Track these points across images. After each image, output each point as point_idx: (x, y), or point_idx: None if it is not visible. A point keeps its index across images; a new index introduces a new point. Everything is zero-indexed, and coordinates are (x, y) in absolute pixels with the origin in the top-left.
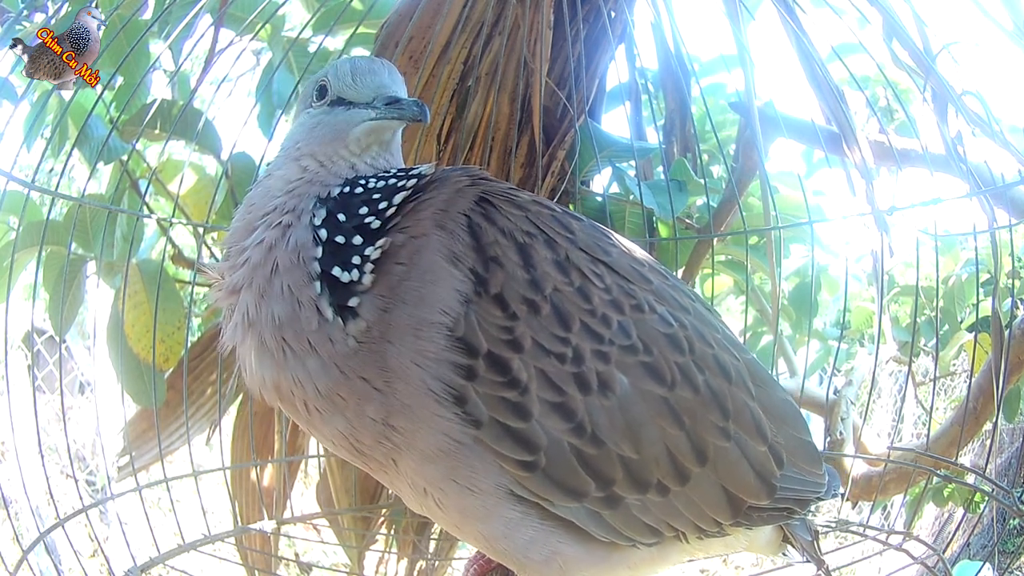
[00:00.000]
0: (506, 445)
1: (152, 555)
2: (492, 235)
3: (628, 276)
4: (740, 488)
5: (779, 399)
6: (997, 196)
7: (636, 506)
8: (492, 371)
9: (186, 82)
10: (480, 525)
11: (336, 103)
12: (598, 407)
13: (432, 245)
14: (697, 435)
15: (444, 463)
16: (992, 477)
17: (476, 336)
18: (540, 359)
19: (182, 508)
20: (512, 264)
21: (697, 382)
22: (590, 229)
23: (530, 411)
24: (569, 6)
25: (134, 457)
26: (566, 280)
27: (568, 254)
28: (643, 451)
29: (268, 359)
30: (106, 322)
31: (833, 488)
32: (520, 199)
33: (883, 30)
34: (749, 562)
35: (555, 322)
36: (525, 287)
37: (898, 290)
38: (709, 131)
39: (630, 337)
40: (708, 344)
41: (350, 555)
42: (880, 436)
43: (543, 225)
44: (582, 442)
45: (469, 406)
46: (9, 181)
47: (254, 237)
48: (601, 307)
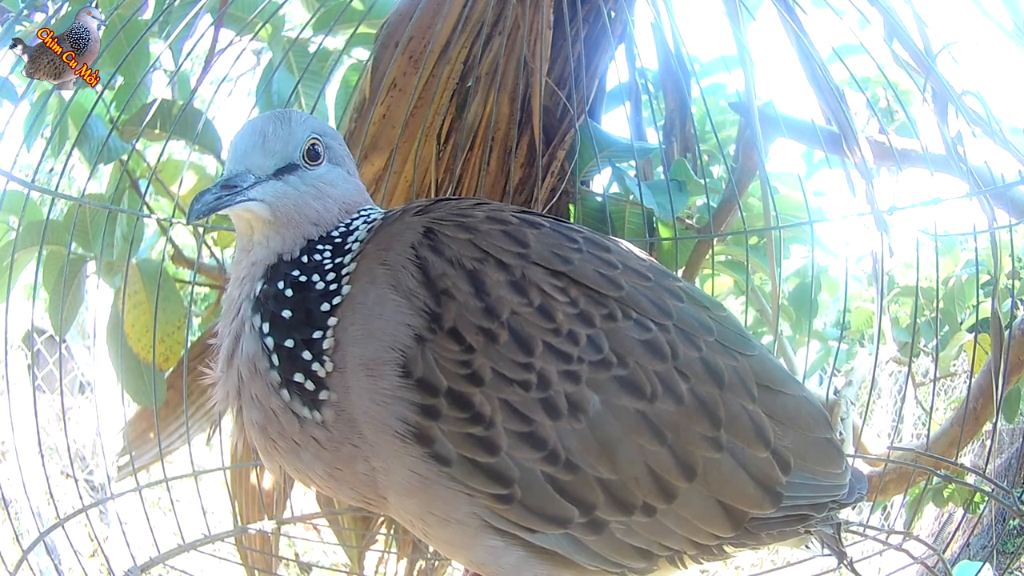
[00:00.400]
0: (478, 480)
1: (152, 555)
2: (440, 267)
3: (593, 284)
4: (738, 500)
5: (789, 398)
6: (997, 196)
7: (621, 530)
8: (454, 408)
9: (186, 82)
10: (466, 552)
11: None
12: (569, 431)
13: (377, 281)
14: (682, 449)
15: (419, 497)
16: (992, 477)
17: (435, 374)
18: (502, 389)
19: (182, 508)
20: (464, 294)
21: (680, 391)
22: (551, 236)
23: (498, 444)
24: (569, 6)
25: (134, 457)
26: (524, 301)
27: (524, 271)
28: (621, 471)
29: (265, 453)
30: (106, 322)
31: (858, 490)
32: (470, 220)
33: (884, 30)
34: (749, 562)
35: (515, 348)
36: (479, 316)
37: (898, 290)
38: (709, 131)
39: (601, 351)
40: (695, 347)
41: (350, 555)
42: (880, 436)
43: (491, 246)
44: (556, 470)
45: (436, 445)
46: (9, 181)
47: (224, 346)
48: (566, 323)
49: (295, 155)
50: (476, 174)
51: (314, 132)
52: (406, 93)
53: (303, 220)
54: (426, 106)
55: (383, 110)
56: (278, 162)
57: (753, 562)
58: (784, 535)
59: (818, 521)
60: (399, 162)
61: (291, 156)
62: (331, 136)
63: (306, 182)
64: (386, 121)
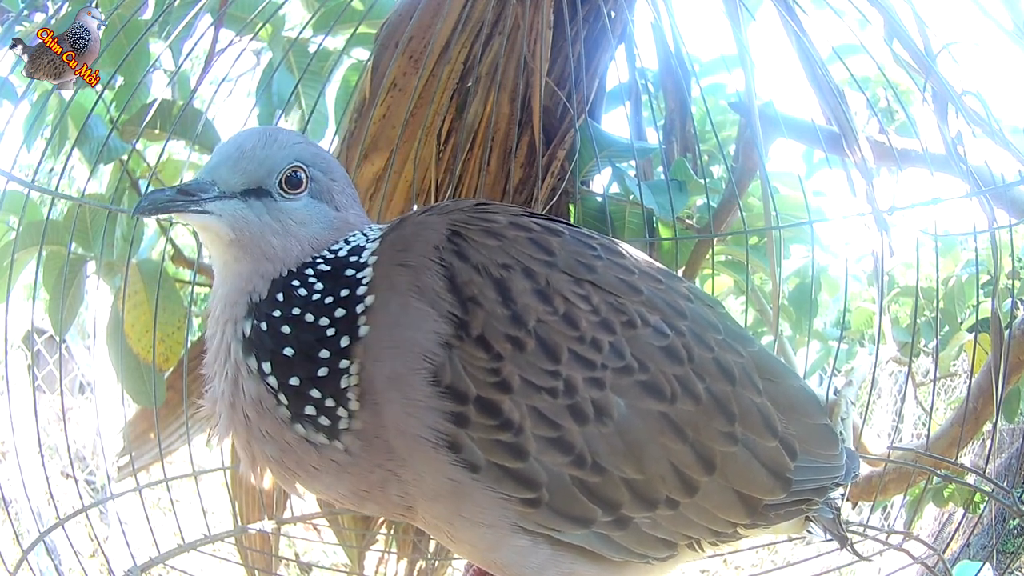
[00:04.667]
0: (507, 485)
1: (152, 555)
2: (467, 274)
3: (616, 291)
4: (753, 488)
5: (789, 388)
6: (997, 196)
7: (646, 523)
8: (483, 415)
9: (186, 82)
10: (492, 554)
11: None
12: (596, 435)
13: (398, 286)
14: (702, 445)
15: (449, 502)
16: (992, 477)
17: (463, 382)
18: (531, 396)
19: (182, 508)
20: (491, 302)
21: (698, 391)
22: (572, 244)
23: (527, 450)
24: (569, 6)
25: (134, 457)
26: (549, 309)
27: (549, 280)
28: (647, 471)
29: (284, 481)
30: (106, 322)
31: (852, 470)
32: (494, 225)
33: (884, 30)
34: (749, 562)
35: (542, 356)
36: (507, 324)
37: (898, 291)
38: (709, 131)
39: (624, 357)
40: (708, 348)
41: (350, 555)
42: (880, 436)
43: (519, 254)
44: (583, 472)
45: (465, 452)
46: (9, 181)
47: (215, 387)
48: (590, 331)
49: (268, 180)
50: (476, 174)
51: (298, 159)
52: (406, 93)
53: (256, 252)
54: (426, 106)
55: (383, 110)
56: (247, 182)
57: (753, 562)
58: (791, 514)
59: (820, 502)
60: (399, 162)
61: (263, 180)
62: (321, 166)
63: (271, 212)
64: (386, 121)
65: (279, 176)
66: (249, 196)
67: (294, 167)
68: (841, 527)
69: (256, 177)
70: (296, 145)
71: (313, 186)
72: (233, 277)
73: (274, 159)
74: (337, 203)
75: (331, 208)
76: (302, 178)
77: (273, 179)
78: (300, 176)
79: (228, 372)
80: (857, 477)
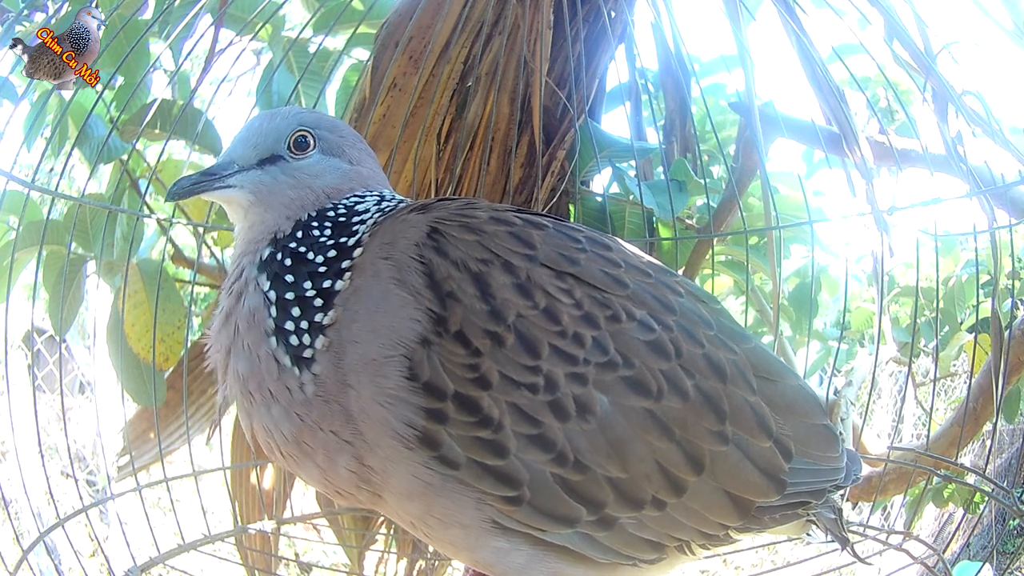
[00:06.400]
0: (487, 483)
1: (152, 555)
2: (445, 269)
3: (600, 284)
4: (745, 489)
5: (786, 387)
6: (997, 196)
7: (632, 524)
8: (462, 412)
9: (186, 82)
10: (471, 554)
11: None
12: (578, 432)
13: (381, 275)
14: (690, 444)
15: (421, 501)
16: (992, 477)
17: (441, 378)
18: (510, 392)
19: (182, 508)
20: (469, 297)
21: (686, 388)
22: (555, 237)
23: (507, 447)
24: (569, 6)
25: (134, 457)
26: (530, 304)
27: (529, 274)
28: (632, 469)
29: (242, 410)
30: (106, 322)
31: (854, 473)
32: (474, 220)
33: (884, 30)
34: (749, 562)
35: (522, 351)
36: (485, 319)
37: (898, 291)
38: (709, 131)
39: (607, 352)
40: (698, 343)
41: (350, 555)
42: (880, 436)
43: (499, 248)
44: (565, 470)
45: (444, 449)
46: (9, 181)
47: (223, 305)
48: (572, 326)
49: (279, 146)
50: (476, 174)
51: (301, 124)
52: (406, 93)
53: (278, 204)
54: (426, 106)
55: (383, 110)
56: (260, 153)
57: (753, 562)
58: (787, 518)
59: (819, 505)
60: (399, 162)
61: (274, 147)
62: (325, 126)
63: (285, 172)
64: (386, 121)
65: (287, 141)
66: (265, 164)
67: (300, 132)
68: (843, 528)
69: (267, 147)
70: (298, 114)
71: (322, 144)
72: (259, 224)
73: (280, 129)
74: (349, 157)
75: (343, 162)
76: (309, 140)
77: (283, 144)
78: (307, 139)
79: (235, 288)
80: (859, 480)
